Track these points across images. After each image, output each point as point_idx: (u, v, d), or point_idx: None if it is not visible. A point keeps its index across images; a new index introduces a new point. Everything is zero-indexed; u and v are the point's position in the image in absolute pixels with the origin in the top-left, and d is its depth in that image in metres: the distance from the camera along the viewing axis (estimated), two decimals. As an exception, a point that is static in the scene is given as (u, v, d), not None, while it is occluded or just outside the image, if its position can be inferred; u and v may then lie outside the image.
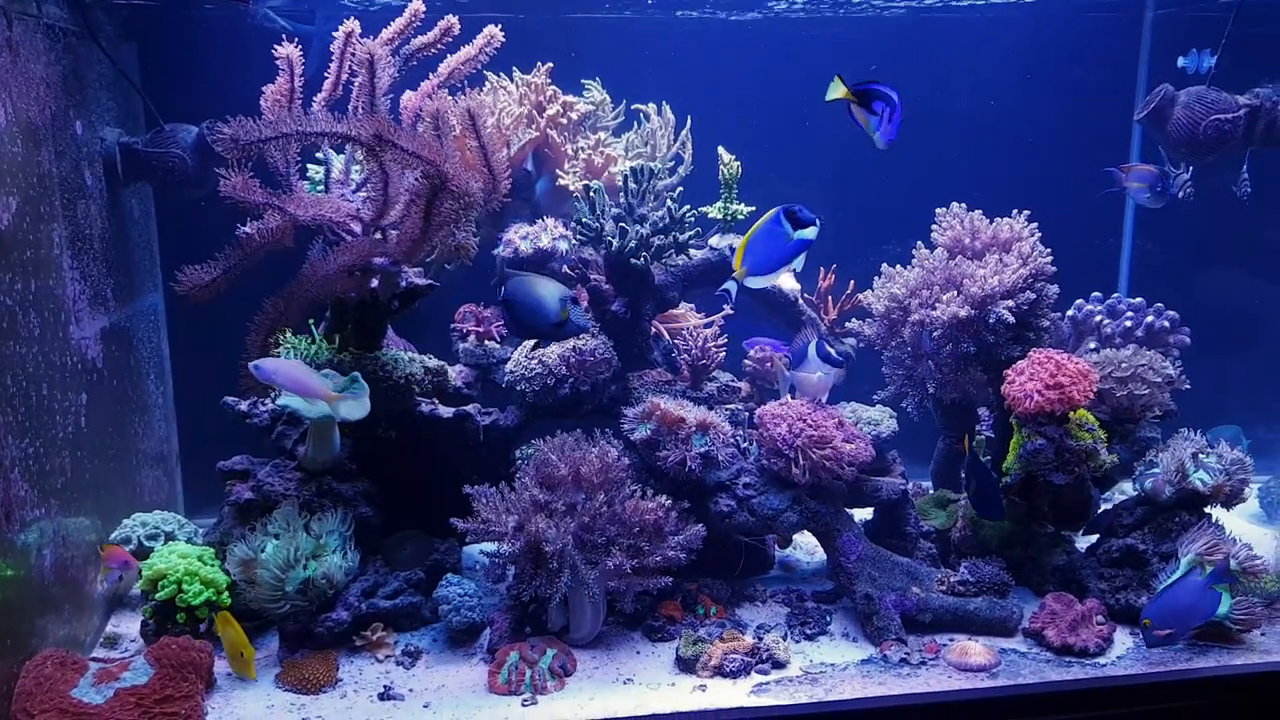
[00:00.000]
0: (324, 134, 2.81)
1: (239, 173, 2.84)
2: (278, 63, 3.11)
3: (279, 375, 2.80)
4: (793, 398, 3.40)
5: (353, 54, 3.12)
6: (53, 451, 2.78)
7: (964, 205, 3.64)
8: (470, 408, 3.44)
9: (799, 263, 2.91)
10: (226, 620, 2.62)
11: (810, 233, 2.86)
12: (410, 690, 2.75)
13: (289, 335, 3.36)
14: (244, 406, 3.29)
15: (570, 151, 3.87)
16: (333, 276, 2.94)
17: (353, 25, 3.16)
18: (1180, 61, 3.86)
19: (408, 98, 3.26)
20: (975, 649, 2.89)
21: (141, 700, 2.45)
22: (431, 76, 3.26)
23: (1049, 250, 3.45)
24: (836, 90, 2.81)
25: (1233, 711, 2.81)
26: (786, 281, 3.82)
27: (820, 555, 3.47)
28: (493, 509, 2.94)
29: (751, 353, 3.89)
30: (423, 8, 3.24)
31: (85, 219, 3.15)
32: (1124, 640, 3.00)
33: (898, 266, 3.63)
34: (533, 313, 2.88)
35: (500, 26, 3.29)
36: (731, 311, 3.84)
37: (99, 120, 3.33)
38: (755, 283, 2.97)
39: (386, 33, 3.22)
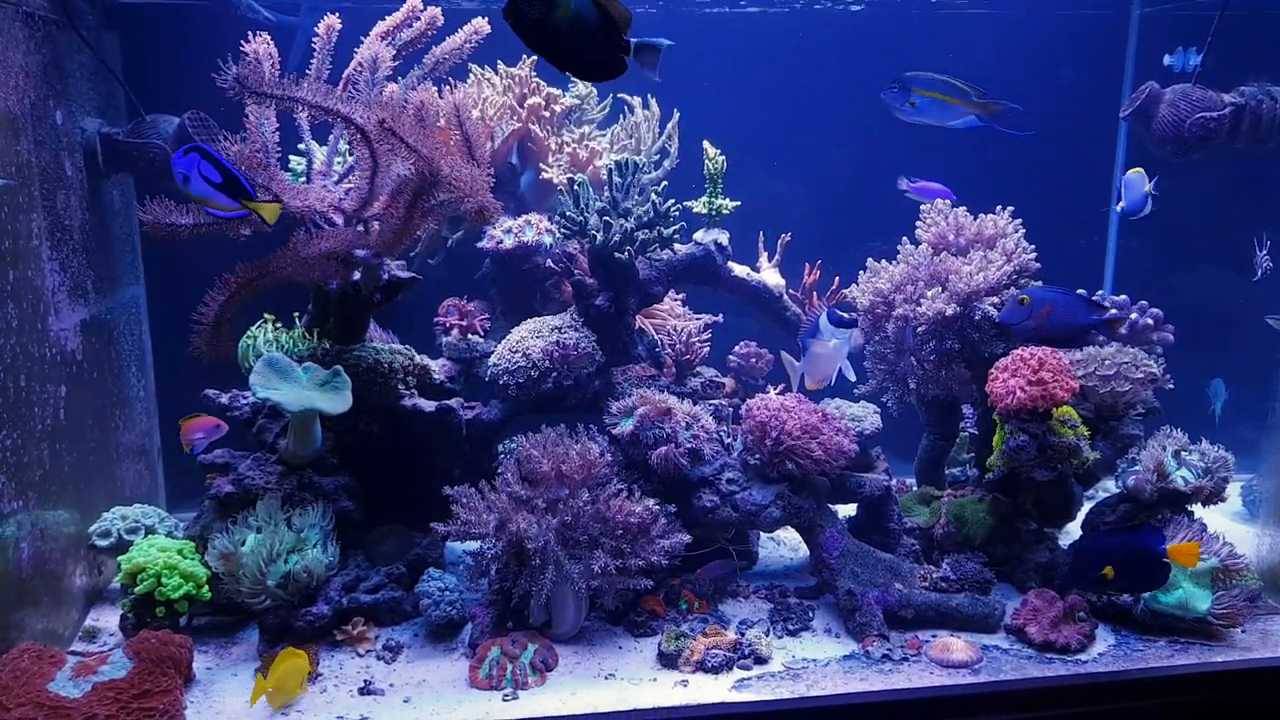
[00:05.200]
0: (330, 110, 2.80)
1: (241, 144, 2.82)
2: (251, 52, 3.08)
3: None
4: (802, 384, 3.34)
5: (331, 50, 3.11)
6: (31, 444, 2.75)
7: (948, 201, 3.64)
8: (453, 401, 3.42)
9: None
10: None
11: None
12: (391, 685, 2.74)
13: (272, 326, 3.34)
14: (225, 399, 3.27)
15: (555, 145, 3.86)
16: (312, 261, 2.91)
17: (334, 21, 3.15)
18: (1166, 60, 3.87)
19: (391, 90, 3.24)
20: (957, 645, 2.89)
21: (120, 695, 2.42)
22: (417, 68, 3.25)
23: (1033, 247, 3.45)
24: None
25: (1214, 708, 2.82)
26: (771, 277, 3.82)
27: (804, 551, 3.47)
28: (473, 510, 2.93)
29: (737, 349, 3.89)
30: (419, 4, 3.23)
31: (65, 209, 3.12)
32: (1105, 637, 3.01)
33: (883, 261, 3.63)
34: None
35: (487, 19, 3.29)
36: (719, 318, 3.84)
37: (79, 110, 3.30)
38: None
39: (380, 27, 3.22)
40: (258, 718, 2.57)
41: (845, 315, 3.14)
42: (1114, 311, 3.23)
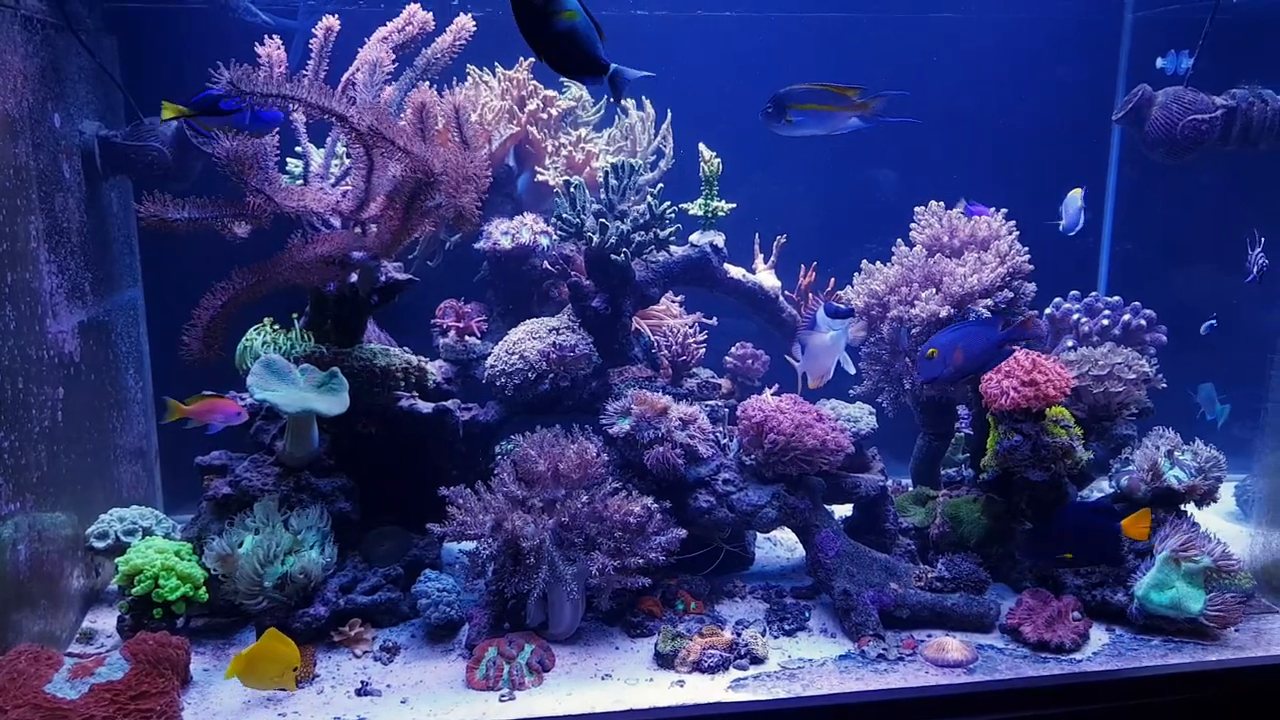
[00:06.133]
0: (325, 109, 2.80)
1: (235, 140, 2.83)
2: (265, 56, 3.10)
3: None
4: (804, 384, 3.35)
5: (328, 51, 3.13)
6: (28, 445, 2.76)
7: (943, 204, 3.66)
8: (450, 403, 3.43)
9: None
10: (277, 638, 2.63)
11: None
12: (388, 686, 2.75)
13: (270, 328, 3.35)
14: (223, 401, 3.27)
15: (551, 147, 3.87)
16: (308, 265, 2.91)
17: (332, 21, 3.16)
18: (1159, 62, 3.88)
19: (388, 93, 3.25)
20: (952, 645, 2.90)
21: (116, 696, 2.43)
22: (409, 70, 3.27)
23: (1026, 249, 3.47)
24: None
25: (1207, 707, 2.83)
26: (767, 279, 3.83)
27: (800, 551, 3.48)
28: (469, 510, 2.94)
29: (733, 350, 3.90)
30: (417, 7, 3.24)
31: (63, 212, 3.12)
32: (1100, 636, 3.02)
33: (877, 263, 3.65)
34: None
35: (472, 17, 3.30)
36: (714, 322, 3.84)
37: (78, 113, 3.31)
38: None
39: (382, 31, 3.23)
40: (254, 718, 2.58)
41: (842, 306, 3.14)
42: (1018, 318, 3.14)
